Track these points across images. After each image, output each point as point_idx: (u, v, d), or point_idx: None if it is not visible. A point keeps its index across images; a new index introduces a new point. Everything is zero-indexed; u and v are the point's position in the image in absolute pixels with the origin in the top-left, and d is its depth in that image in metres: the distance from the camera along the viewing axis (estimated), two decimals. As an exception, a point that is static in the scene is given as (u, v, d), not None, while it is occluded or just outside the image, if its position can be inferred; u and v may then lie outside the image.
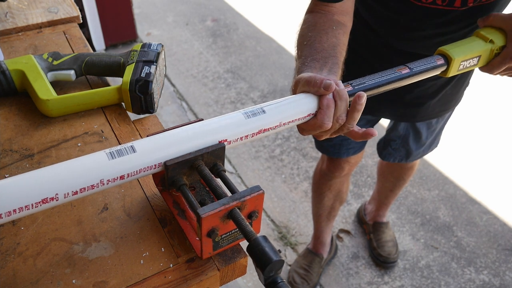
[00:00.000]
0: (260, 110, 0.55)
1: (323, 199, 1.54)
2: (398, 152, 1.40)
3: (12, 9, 0.90)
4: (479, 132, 2.36)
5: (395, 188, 1.65)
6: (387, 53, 1.04)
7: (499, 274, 1.73)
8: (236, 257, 0.51)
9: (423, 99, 1.13)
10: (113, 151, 0.47)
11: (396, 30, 0.98)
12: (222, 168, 0.52)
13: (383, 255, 1.72)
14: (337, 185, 1.49)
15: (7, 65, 0.68)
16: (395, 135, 1.36)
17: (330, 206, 1.57)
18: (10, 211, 0.41)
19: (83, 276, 0.48)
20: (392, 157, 1.44)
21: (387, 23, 0.98)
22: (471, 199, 2.02)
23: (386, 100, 1.15)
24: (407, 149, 1.37)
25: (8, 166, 0.59)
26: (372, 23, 1.02)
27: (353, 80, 0.66)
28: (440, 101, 1.16)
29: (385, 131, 1.44)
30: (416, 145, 1.35)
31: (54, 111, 0.67)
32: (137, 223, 0.53)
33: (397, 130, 1.34)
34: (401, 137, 1.34)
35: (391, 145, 1.40)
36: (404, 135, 1.33)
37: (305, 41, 0.72)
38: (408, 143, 1.34)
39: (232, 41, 3.11)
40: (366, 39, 1.06)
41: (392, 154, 1.42)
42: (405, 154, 1.40)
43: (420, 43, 0.97)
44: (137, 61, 0.68)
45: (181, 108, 2.53)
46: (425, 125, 1.26)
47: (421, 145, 1.34)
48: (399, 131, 1.33)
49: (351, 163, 1.40)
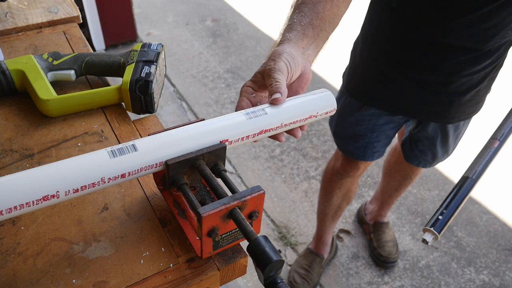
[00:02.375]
0: (262, 110, 0.55)
1: (332, 197, 1.52)
2: (423, 156, 1.36)
3: (12, 9, 0.90)
4: (479, 132, 2.36)
5: (400, 187, 1.63)
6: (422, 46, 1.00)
7: (499, 274, 1.73)
8: (236, 257, 0.51)
9: (455, 96, 1.11)
10: (115, 149, 0.47)
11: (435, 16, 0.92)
12: (222, 168, 0.52)
13: (384, 255, 1.72)
14: (348, 184, 1.48)
15: (7, 65, 0.68)
16: (423, 136, 1.31)
17: (338, 206, 1.56)
18: (10, 208, 0.41)
19: (83, 276, 0.47)
20: (417, 160, 1.40)
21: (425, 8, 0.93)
22: (471, 199, 2.02)
23: (419, 97, 1.13)
24: (433, 152, 1.33)
25: (8, 166, 0.59)
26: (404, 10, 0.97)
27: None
28: (470, 101, 1.14)
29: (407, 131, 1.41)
30: (442, 149, 1.31)
31: (54, 111, 0.67)
32: (137, 223, 0.53)
33: (425, 131, 1.28)
34: (429, 139, 1.29)
35: (418, 146, 1.35)
36: (433, 137, 1.28)
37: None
38: (436, 145, 1.30)
39: (232, 41, 3.11)
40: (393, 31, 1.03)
41: (417, 157, 1.38)
42: (431, 157, 1.36)
43: (465, 32, 0.94)
44: (137, 61, 0.68)
45: (181, 108, 2.53)
46: (453, 127, 1.24)
47: (447, 149, 1.31)
48: (428, 132, 1.27)
49: (367, 164, 1.39)
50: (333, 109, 0.61)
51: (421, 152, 1.36)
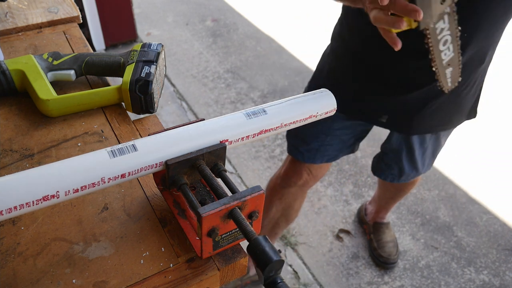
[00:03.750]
0: (262, 110, 0.55)
1: (271, 209, 1.45)
2: (390, 170, 1.35)
3: (12, 9, 0.90)
4: (479, 132, 2.36)
5: (395, 196, 1.62)
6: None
7: (499, 274, 1.73)
8: (236, 257, 0.51)
9: (414, 106, 1.07)
10: (115, 149, 0.47)
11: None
12: (223, 168, 0.52)
13: (384, 256, 1.72)
14: (289, 198, 1.42)
15: (7, 65, 0.68)
16: (388, 148, 1.30)
17: (275, 221, 1.48)
18: (10, 208, 0.41)
19: (83, 276, 0.47)
20: (383, 174, 1.38)
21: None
22: (471, 199, 2.02)
23: (374, 102, 1.10)
24: (399, 167, 1.31)
25: (8, 166, 0.59)
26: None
27: None
28: (434, 114, 1.09)
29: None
30: (408, 164, 1.28)
31: (54, 111, 0.67)
32: (137, 223, 0.53)
33: (390, 142, 1.28)
34: (394, 152, 1.28)
35: (384, 159, 1.34)
36: (397, 150, 1.26)
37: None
38: (401, 159, 1.28)
39: (232, 41, 3.11)
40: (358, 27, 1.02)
41: (384, 171, 1.37)
42: (397, 172, 1.34)
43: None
44: (137, 61, 0.68)
45: (181, 108, 2.53)
46: (418, 141, 1.20)
47: (414, 164, 1.28)
48: (392, 144, 1.27)
49: (312, 173, 1.35)
50: (333, 109, 0.61)
51: (387, 166, 1.34)
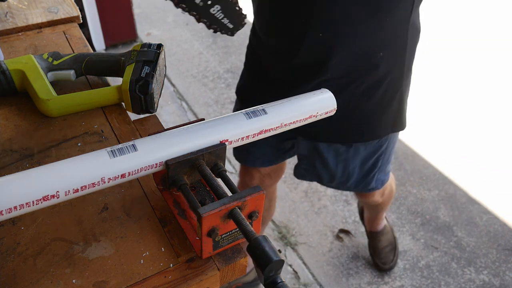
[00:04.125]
0: (262, 110, 0.55)
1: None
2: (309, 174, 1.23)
3: (12, 9, 0.90)
4: (479, 132, 2.36)
5: (378, 208, 1.54)
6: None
7: (499, 274, 1.73)
8: (236, 257, 0.51)
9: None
10: (115, 149, 0.47)
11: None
12: (223, 168, 0.52)
13: (379, 264, 1.72)
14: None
15: (7, 65, 0.68)
16: (299, 153, 1.20)
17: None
18: (10, 208, 0.41)
19: (83, 276, 0.47)
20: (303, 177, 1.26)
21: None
22: (471, 199, 2.02)
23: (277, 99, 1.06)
24: (317, 175, 1.19)
25: (8, 166, 0.59)
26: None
27: None
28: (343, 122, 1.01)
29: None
30: (326, 174, 1.15)
31: (54, 111, 0.67)
32: (137, 223, 0.53)
33: (298, 147, 1.17)
34: (307, 158, 1.17)
35: (301, 165, 1.22)
36: (309, 156, 1.15)
37: None
38: (315, 167, 1.16)
39: (232, 41, 3.11)
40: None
41: (303, 175, 1.25)
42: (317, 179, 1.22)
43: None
44: (137, 61, 0.68)
45: (181, 108, 2.53)
46: (330, 150, 1.09)
47: (331, 174, 1.15)
48: (300, 149, 1.17)
49: (262, 173, 1.31)
50: (333, 109, 0.62)
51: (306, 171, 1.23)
